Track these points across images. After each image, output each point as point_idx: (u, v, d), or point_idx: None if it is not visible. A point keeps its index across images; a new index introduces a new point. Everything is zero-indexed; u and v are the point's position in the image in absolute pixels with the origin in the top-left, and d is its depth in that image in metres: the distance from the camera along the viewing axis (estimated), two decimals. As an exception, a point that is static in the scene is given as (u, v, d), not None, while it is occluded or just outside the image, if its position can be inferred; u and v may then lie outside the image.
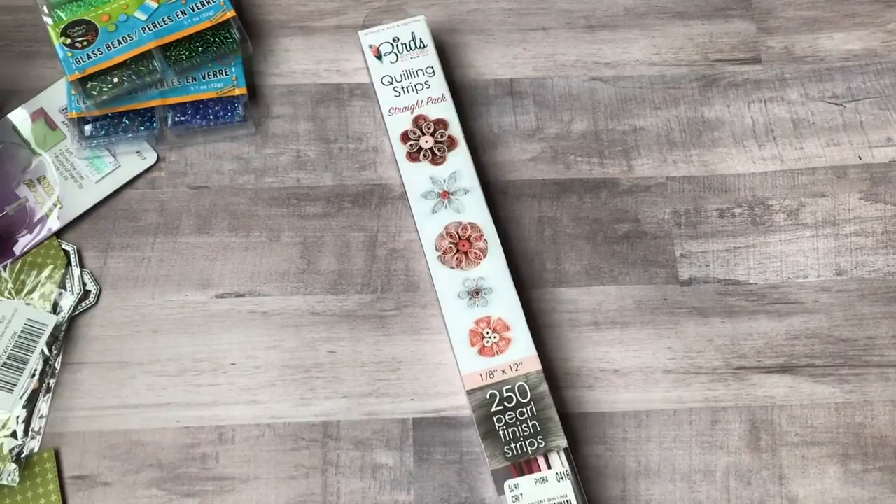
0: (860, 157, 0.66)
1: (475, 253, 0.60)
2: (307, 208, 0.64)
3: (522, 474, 0.55)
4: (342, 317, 0.62)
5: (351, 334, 0.61)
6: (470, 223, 0.61)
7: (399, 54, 0.65)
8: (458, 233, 0.60)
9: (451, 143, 0.63)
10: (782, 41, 0.70)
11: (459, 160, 0.62)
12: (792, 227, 0.64)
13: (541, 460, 0.56)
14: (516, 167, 0.66)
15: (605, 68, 0.68)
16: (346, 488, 0.58)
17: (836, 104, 0.68)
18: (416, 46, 0.65)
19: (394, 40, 0.65)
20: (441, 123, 0.63)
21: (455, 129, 0.63)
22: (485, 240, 0.60)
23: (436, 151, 0.62)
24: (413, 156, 0.62)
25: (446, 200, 0.61)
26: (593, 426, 0.60)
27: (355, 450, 0.59)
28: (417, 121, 0.63)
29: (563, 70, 0.68)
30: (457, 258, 0.60)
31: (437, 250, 0.60)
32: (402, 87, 0.64)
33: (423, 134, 0.63)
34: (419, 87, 0.64)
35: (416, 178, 0.62)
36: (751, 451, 0.59)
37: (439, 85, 0.64)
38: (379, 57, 0.65)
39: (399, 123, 0.63)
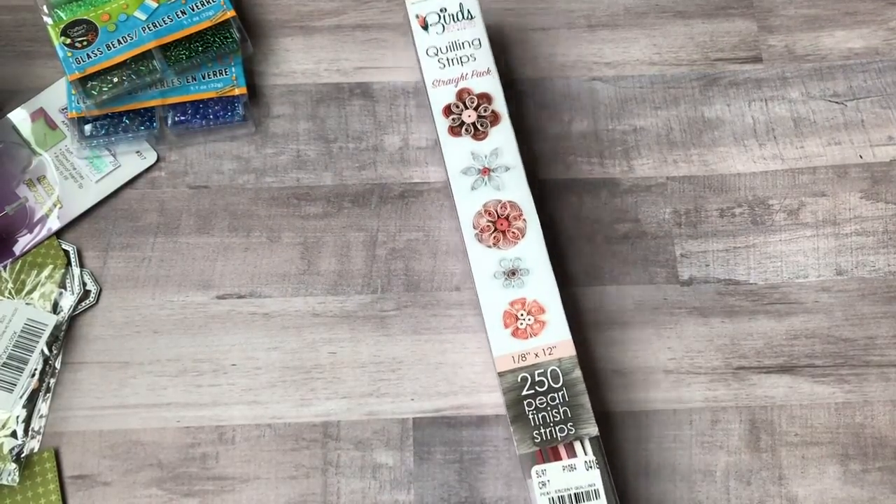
0: (861, 157, 0.66)
1: (513, 232, 0.58)
2: (307, 208, 0.64)
3: (547, 461, 0.54)
4: (342, 317, 0.62)
5: (351, 335, 0.61)
6: (510, 201, 0.59)
7: (446, 25, 0.63)
8: (496, 211, 0.59)
9: (495, 118, 0.61)
10: (783, 40, 0.69)
11: (502, 136, 0.60)
12: (792, 227, 0.64)
13: (567, 447, 0.55)
14: (516, 167, 0.66)
15: (605, 68, 0.68)
16: (347, 488, 0.58)
17: (837, 103, 0.68)
18: (463, 17, 0.64)
19: (441, 10, 0.64)
20: (485, 98, 0.61)
21: (499, 104, 0.61)
22: (524, 219, 0.59)
23: (478, 126, 0.61)
24: (455, 130, 0.61)
25: (486, 177, 0.60)
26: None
27: (355, 450, 0.59)
28: (461, 94, 0.62)
29: (563, 70, 0.68)
30: (494, 237, 0.58)
31: (475, 228, 0.59)
32: (447, 60, 0.63)
33: (467, 108, 0.61)
34: (464, 59, 0.63)
35: (457, 153, 0.60)
36: (750, 451, 0.59)
37: (485, 58, 0.62)
38: (425, 27, 0.64)
39: (442, 96, 0.62)
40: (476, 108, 0.61)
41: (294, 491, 0.58)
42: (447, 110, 0.62)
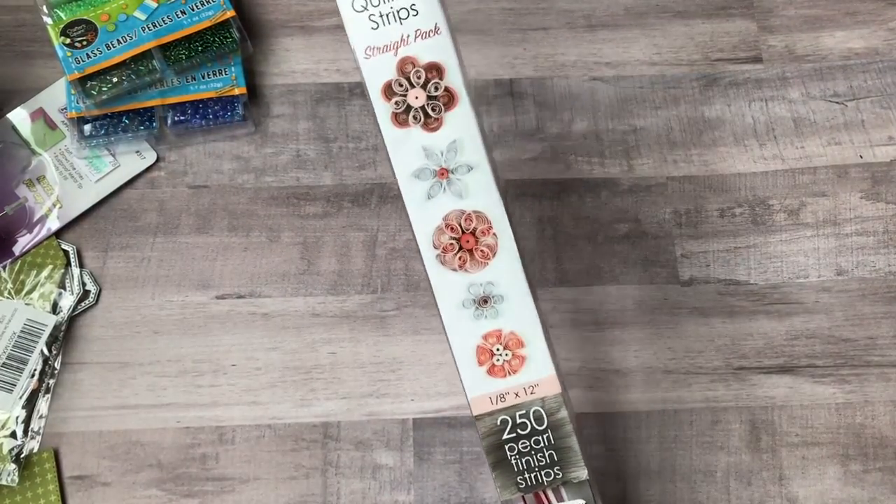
0: (861, 157, 0.66)
1: (482, 251, 0.48)
2: (307, 208, 0.64)
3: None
4: (342, 318, 0.62)
5: (351, 335, 0.61)
6: (475, 212, 0.47)
7: None
8: (460, 225, 0.48)
9: (449, 98, 0.46)
10: (783, 40, 0.69)
11: (460, 124, 0.47)
12: (793, 227, 0.64)
13: (563, 491, 0.49)
14: (516, 167, 0.66)
15: (606, 68, 0.68)
16: (346, 489, 0.58)
17: (837, 103, 0.68)
18: None
19: None
20: (434, 70, 0.46)
21: (453, 76, 0.46)
22: (494, 233, 0.48)
23: (429, 111, 0.47)
24: (400, 118, 0.47)
25: (445, 181, 0.47)
26: (593, 426, 0.60)
27: (355, 450, 0.59)
28: (403, 66, 0.46)
29: (564, 70, 0.68)
30: (460, 258, 0.48)
31: (436, 248, 0.48)
32: (382, 16, 0.46)
33: (412, 86, 0.46)
34: (403, 13, 0.46)
35: (405, 150, 0.47)
36: (751, 451, 0.59)
37: (431, 9, 0.46)
38: None
39: (379, 71, 0.46)
40: (424, 86, 0.47)
41: (294, 491, 0.58)
42: (387, 90, 0.47)
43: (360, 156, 0.66)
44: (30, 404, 0.59)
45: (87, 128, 0.64)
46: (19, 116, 0.65)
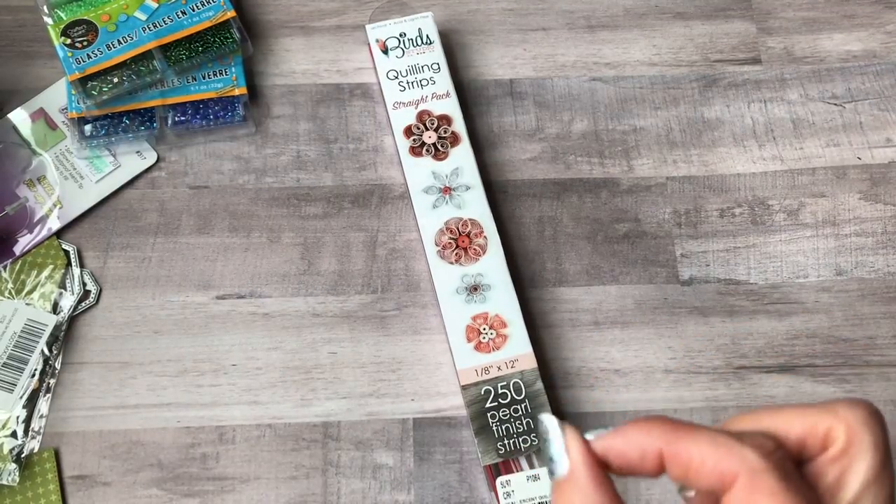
0: (859, 158, 0.66)
1: (474, 249, 0.60)
2: (307, 209, 0.64)
3: (499, 474, 0.56)
4: (343, 317, 0.62)
5: (351, 335, 0.61)
6: (470, 219, 0.61)
7: (405, 49, 0.65)
8: (458, 228, 0.60)
9: (455, 139, 0.63)
10: (782, 42, 0.70)
11: (462, 156, 0.62)
12: (792, 227, 0.64)
13: (534, 459, 0.56)
14: (516, 167, 0.66)
15: (605, 68, 0.68)
16: (347, 488, 0.58)
17: (835, 105, 0.68)
18: (422, 42, 0.65)
19: (400, 35, 0.65)
20: (445, 119, 0.63)
21: (459, 125, 0.63)
22: (484, 236, 0.60)
23: (438, 147, 0.62)
24: (416, 150, 0.62)
25: (447, 196, 0.61)
26: (593, 426, 0.59)
27: (356, 450, 0.59)
28: (421, 116, 0.63)
29: (563, 70, 0.68)
30: (456, 254, 0.60)
31: (437, 245, 0.60)
32: (407, 82, 0.64)
33: (427, 129, 0.63)
34: (424, 82, 0.64)
35: (418, 172, 0.62)
36: (751, 450, 0.59)
37: (444, 81, 0.64)
38: (385, 51, 0.65)
39: (403, 118, 0.63)
40: (436, 130, 0.63)
41: (294, 491, 0.58)
42: (408, 131, 0.63)
43: (361, 157, 0.66)
44: (30, 404, 0.59)
45: (88, 128, 0.64)
46: (20, 116, 0.65)
